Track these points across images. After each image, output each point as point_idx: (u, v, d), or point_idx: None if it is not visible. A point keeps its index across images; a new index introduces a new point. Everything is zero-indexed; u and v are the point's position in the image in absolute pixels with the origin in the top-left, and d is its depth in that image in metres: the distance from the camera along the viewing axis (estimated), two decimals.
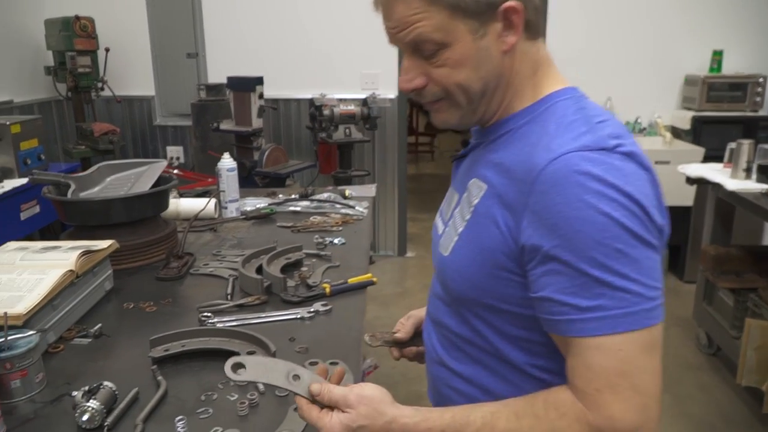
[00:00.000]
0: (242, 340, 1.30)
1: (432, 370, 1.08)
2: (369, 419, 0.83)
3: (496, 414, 0.82)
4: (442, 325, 1.02)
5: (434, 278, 1.09)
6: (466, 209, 0.95)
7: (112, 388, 1.11)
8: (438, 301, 1.04)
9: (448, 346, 1.01)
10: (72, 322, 1.44)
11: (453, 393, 1.00)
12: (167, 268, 1.78)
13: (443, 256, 0.97)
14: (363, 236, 2.12)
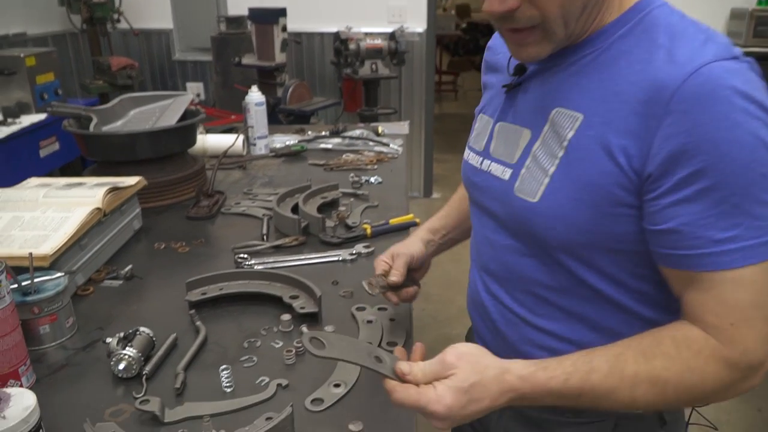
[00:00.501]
0: (284, 283, 1.21)
1: (508, 333, 0.95)
2: (479, 374, 0.72)
3: (621, 357, 0.73)
4: (523, 280, 0.90)
5: (492, 230, 0.95)
6: (554, 145, 0.82)
7: (149, 335, 1.03)
8: (512, 256, 0.91)
9: (534, 302, 0.90)
10: (101, 263, 1.36)
11: (545, 353, 0.89)
12: (197, 206, 1.69)
13: (529, 202, 0.83)
14: (399, 175, 2.01)
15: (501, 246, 0.93)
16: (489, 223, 0.96)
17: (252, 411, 0.91)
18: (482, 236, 0.98)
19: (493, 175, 0.92)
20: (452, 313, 3.22)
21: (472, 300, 1.07)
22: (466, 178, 1.02)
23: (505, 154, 0.91)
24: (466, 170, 1.02)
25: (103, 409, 0.91)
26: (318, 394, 0.93)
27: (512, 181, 0.87)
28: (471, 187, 1.01)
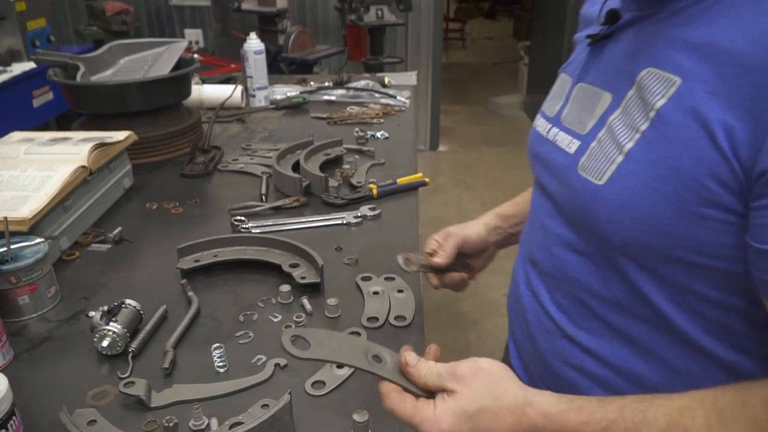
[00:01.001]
0: (283, 250, 1.12)
1: (540, 341, 0.81)
2: (492, 399, 0.59)
3: (686, 413, 0.56)
4: (569, 281, 0.74)
5: (546, 213, 0.80)
6: (638, 115, 0.64)
7: (135, 308, 0.95)
8: (562, 249, 0.75)
9: (578, 312, 0.74)
10: (88, 226, 1.27)
11: (577, 375, 0.75)
12: (192, 163, 1.59)
13: (592, 184, 0.67)
14: (407, 129, 1.89)
15: (552, 234, 0.77)
16: (545, 205, 0.81)
17: (247, 394, 0.83)
18: (536, 218, 0.84)
19: (558, 147, 0.77)
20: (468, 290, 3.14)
21: (511, 292, 0.93)
22: (530, 149, 0.87)
23: (577, 122, 0.76)
24: (531, 139, 0.88)
25: (86, 391, 0.84)
26: (319, 375, 0.85)
27: (577, 157, 0.71)
28: (533, 158, 0.86)
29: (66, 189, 1.16)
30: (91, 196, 1.27)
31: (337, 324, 0.97)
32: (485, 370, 0.62)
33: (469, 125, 5.44)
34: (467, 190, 4.09)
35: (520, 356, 0.88)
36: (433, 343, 0.71)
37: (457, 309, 2.83)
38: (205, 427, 0.77)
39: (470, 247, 1.03)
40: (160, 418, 0.78)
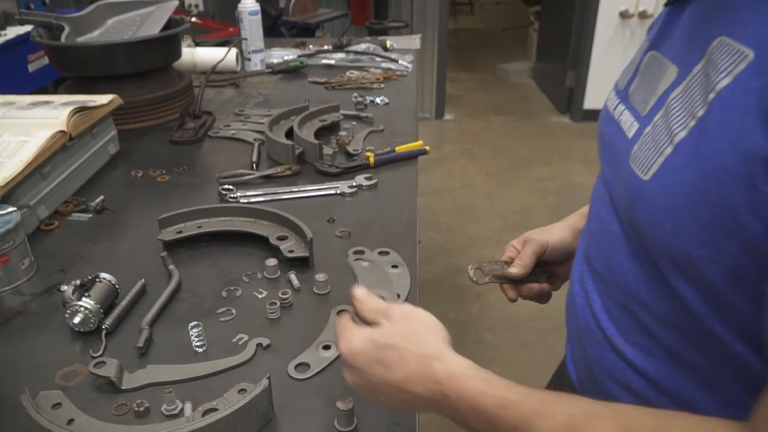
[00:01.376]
0: (271, 221, 1.06)
1: (588, 349, 0.71)
2: (405, 341, 0.58)
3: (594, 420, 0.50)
4: (621, 286, 0.64)
5: (605, 205, 0.68)
6: (698, 96, 0.52)
7: (110, 282, 0.89)
8: (614, 245, 0.64)
9: (630, 324, 0.63)
10: (69, 194, 1.21)
11: (625, 394, 0.66)
12: (182, 129, 1.52)
13: (638, 180, 0.56)
14: (408, 95, 1.81)
15: (608, 230, 0.66)
16: (603, 195, 0.70)
17: (226, 376, 0.78)
18: (595, 209, 0.73)
19: (620, 128, 0.66)
20: (462, 242, 3.08)
21: (569, 289, 0.82)
22: (599, 126, 0.76)
23: (641, 99, 0.64)
24: (601, 115, 0.76)
25: (56, 370, 0.79)
26: (304, 357, 0.80)
27: (632, 143, 0.60)
28: (599, 138, 0.75)
29: (43, 155, 1.10)
30: (71, 162, 1.21)
31: (326, 301, 0.91)
32: (415, 318, 0.61)
33: (476, 93, 5.32)
34: (473, 160, 4.00)
35: (574, 362, 0.79)
36: None
37: (458, 282, 2.78)
38: (178, 411, 0.71)
39: (553, 254, 0.93)
40: (131, 401, 0.73)
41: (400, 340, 0.59)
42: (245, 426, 0.67)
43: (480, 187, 3.65)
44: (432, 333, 0.60)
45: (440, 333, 0.61)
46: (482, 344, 2.41)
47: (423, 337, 0.59)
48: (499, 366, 2.28)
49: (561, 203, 3.44)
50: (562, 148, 4.17)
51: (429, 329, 0.61)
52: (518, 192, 3.59)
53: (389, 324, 0.61)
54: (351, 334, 0.61)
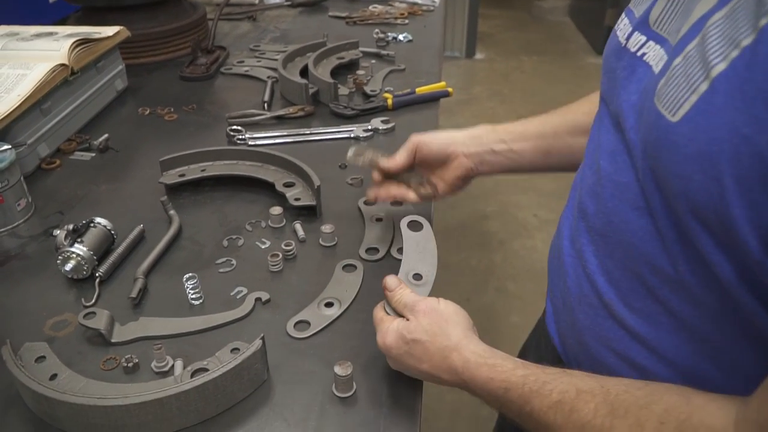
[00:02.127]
0: (278, 166, 1.00)
1: (580, 316, 0.65)
2: (428, 335, 0.61)
3: (584, 395, 0.51)
4: (625, 246, 0.57)
5: (609, 152, 0.60)
6: (744, 21, 0.43)
7: (105, 227, 0.84)
8: (623, 204, 0.57)
9: (633, 288, 0.57)
10: (72, 131, 1.16)
11: (621, 363, 0.61)
12: (193, 65, 1.44)
13: (665, 120, 0.48)
14: (434, 32, 1.70)
15: (612, 181, 0.58)
16: (610, 140, 0.60)
17: (222, 332, 0.73)
18: (593, 157, 0.64)
19: (643, 62, 0.56)
20: (488, 187, 2.99)
21: (553, 243, 0.75)
22: (605, 60, 0.66)
23: (671, 27, 0.54)
24: (608, 47, 0.66)
25: (46, 318, 0.75)
26: (304, 314, 0.75)
27: (659, 77, 0.51)
28: (604, 74, 0.66)
29: (42, 90, 1.05)
30: (74, 98, 1.15)
31: (333, 254, 0.86)
32: (439, 311, 0.63)
33: (509, 31, 5.09)
34: (503, 102, 3.86)
35: (557, 324, 0.74)
36: None
37: (483, 228, 2.71)
38: (168, 369, 0.68)
39: (426, 155, 0.85)
40: (121, 355, 0.69)
41: (424, 335, 0.61)
42: (236, 388, 0.63)
43: None
44: (452, 325, 0.62)
45: (461, 323, 0.62)
46: (503, 293, 2.36)
47: (444, 330, 0.61)
48: (519, 315, 2.24)
49: None
50: None
51: (448, 321, 0.62)
52: None
53: (414, 319, 0.62)
54: (385, 329, 0.63)
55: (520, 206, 2.84)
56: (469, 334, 0.61)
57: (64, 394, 0.59)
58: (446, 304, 0.64)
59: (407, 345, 0.61)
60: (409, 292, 0.65)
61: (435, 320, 0.61)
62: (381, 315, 0.66)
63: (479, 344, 0.60)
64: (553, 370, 0.55)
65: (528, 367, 0.56)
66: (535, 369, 0.55)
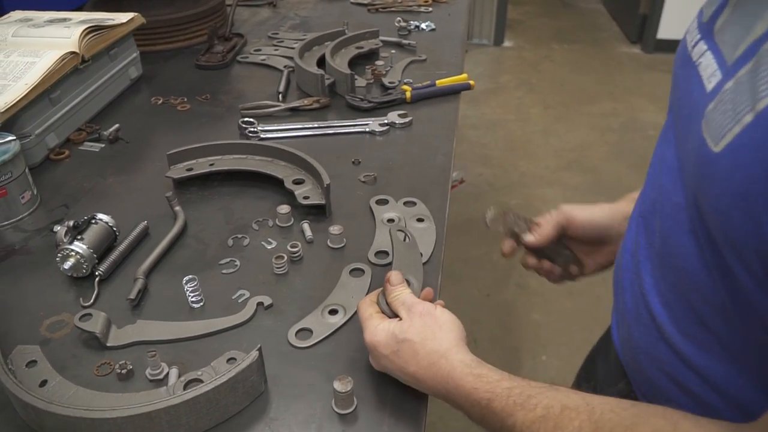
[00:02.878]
0: (289, 162, 0.96)
1: (635, 334, 0.63)
2: (420, 337, 0.59)
3: (568, 412, 0.49)
4: (681, 275, 0.53)
5: (668, 168, 0.56)
6: None
7: (107, 224, 0.82)
8: (674, 220, 0.53)
9: (686, 314, 0.54)
10: (83, 121, 1.13)
11: (675, 389, 0.58)
12: (210, 52, 1.41)
13: (708, 149, 0.44)
14: (458, 21, 1.64)
15: (669, 200, 0.54)
16: (671, 154, 0.56)
17: (220, 338, 0.70)
18: (656, 172, 0.60)
19: (699, 76, 0.51)
20: (513, 179, 2.93)
21: (618, 254, 0.71)
22: (674, 64, 0.62)
23: (731, 40, 0.49)
24: (678, 51, 0.61)
25: (44, 318, 0.73)
26: (307, 322, 0.71)
27: (709, 98, 0.47)
28: (672, 81, 0.61)
29: (50, 79, 1.02)
30: (85, 87, 1.13)
31: (341, 257, 0.82)
32: (435, 316, 0.60)
33: (539, 18, 4.97)
34: (530, 92, 3.77)
35: (619, 337, 0.70)
36: (430, 287, 0.68)
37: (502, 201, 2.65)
38: (162, 377, 0.65)
39: (576, 232, 0.82)
40: (116, 360, 0.67)
41: (416, 336, 0.59)
42: (230, 401, 0.60)
43: (536, 122, 3.44)
44: (445, 331, 0.59)
45: (454, 331, 0.60)
46: (525, 289, 2.30)
47: (436, 335, 0.59)
48: (540, 313, 2.19)
49: (622, 142, 3.22)
50: (629, 82, 3.88)
51: (441, 327, 0.60)
52: (577, 128, 3.37)
53: (408, 318, 0.60)
54: (375, 326, 0.61)
55: (545, 200, 2.77)
56: (460, 344, 0.59)
57: (50, 404, 0.57)
58: (443, 312, 0.62)
59: (397, 345, 0.59)
60: (409, 292, 0.64)
61: (429, 324, 0.60)
62: (371, 311, 0.63)
63: (468, 354, 0.58)
64: (540, 384, 0.54)
65: (513, 379, 0.55)
66: (521, 382, 0.54)
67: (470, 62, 4.14)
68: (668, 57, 4.13)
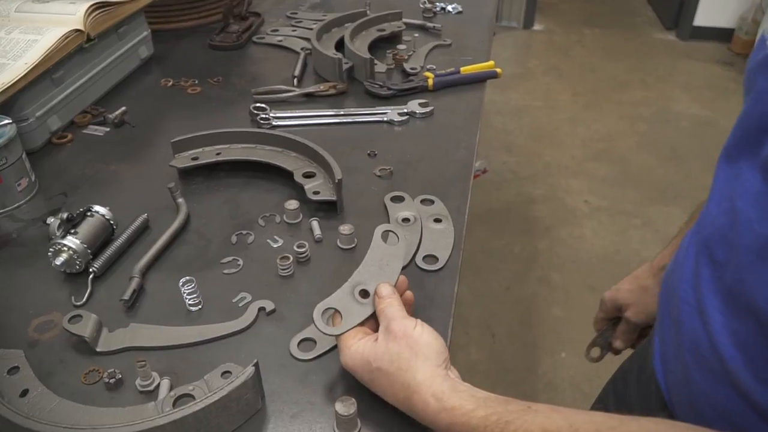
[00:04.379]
0: (299, 153, 0.90)
1: (695, 372, 0.56)
2: (394, 367, 0.54)
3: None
4: (761, 315, 0.47)
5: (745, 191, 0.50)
6: None
7: (104, 217, 0.77)
8: (756, 259, 0.47)
9: (762, 357, 0.48)
10: (88, 103, 1.09)
11: (720, 423, 0.52)
12: (225, 32, 1.35)
13: None
14: (487, 3, 1.56)
15: (753, 231, 0.47)
16: (753, 177, 0.50)
17: (217, 346, 0.65)
18: (728, 195, 0.53)
19: None
20: (537, 169, 2.84)
21: (669, 275, 0.65)
22: (748, 72, 0.56)
23: None
24: (753, 58, 0.55)
25: (33, 317, 0.69)
26: (311, 331, 0.66)
27: None
28: (747, 92, 0.55)
29: (52, 58, 0.97)
30: (91, 67, 1.08)
31: (351, 259, 0.76)
32: (412, 339, 0.55)
33: (571, 1, 4.82)
34: (559, 78, 3.66)
35: (665, 372, 0.64)
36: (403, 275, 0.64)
37: (529, 213, 2.57)
38: (153, 388, 0.60)
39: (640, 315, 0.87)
40: (105, 367, 0.62)
41: (390, 365, 0.54)
42: (222, 421, 0.55)
43: (564, 109, 3.34)
44: (421, 359, 0.54)
45: (432, 357, 0.54)
46: (547, 283, 2.23)
47: (410, 366, 0.54)
48: (562, 308, 2.12)
49: (653, 132, 3.10)
50: (662, 70, 3.74)
51: (419, 355, 0.54)
52: (606, 117, 3.26)
53: (384, 341, 0.56)
54: (348, 348, 0.57)
55: (570, 191, 2.68)
56: (437, 372, 0.54)
57: (27, 419, 0.52)
58: (422, 331, 0.56)
59: (370, 373, 0.56)
60: (396, 304, 0.59)
61: (404, 350, 0.55)
62: (344, 335, 0.59)
63: (443, 383, 0.53)
64: (516, 407, 0.50)
65: (489, 405, 0.51)
66: (497, 407, 0.50)
67: (498, 45, 4.03)
68: (705, 45, 3.98)
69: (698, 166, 2.81)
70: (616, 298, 0.89)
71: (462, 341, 1.99)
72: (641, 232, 2.45)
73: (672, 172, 2.79)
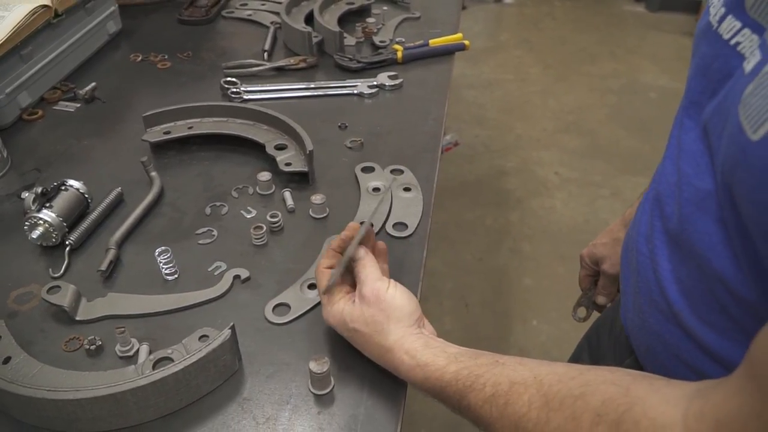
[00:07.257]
0: (271, 125, 0.92)
1: (649, 316, 0.59)
2: (369, 328, 0.59)
3: (516, 387, 0.49)
4: (704, 264, 0.49)
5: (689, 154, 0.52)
6: None
7: (78, 190, 0.78)
8: (697, 208, 0.50)
9: (706, 302, 0.51)
10: (57, 79, 1.08)
11: (689, 372, 0.55)
12: (193, 6, 1.35)
13: (744, 137, 0.40)
14: None
15: (692, 185, 0.51)
16: (692, 138, 0.53)
17: (194, 313, 0.67)
18: (674, 156, 0.56)
19: (736, 53, 0.47)
20: (509, 141, 2.88)
21: (629, 234, 0.68)
22: (695, 40, 0.57)
23: None
24: (699, 26, 0.56)
25: (11, 290, 0.70)
26: (285, 296, 0.69)
27: (748, 79, 0.43)
28: (693, 58, 0.57)
29: (20, 34, 0.97)
30: (60, 43, 1.08)
31: (323, 227, 0.79)
32: (384, 302, 0.59)
33: None
34: (530, 51, 3.68)
35: (627, 320, 0.67)
36: (381, 242, 0.68)
37: (501, 185, 2.61)
38: (132, 354, 0.62)
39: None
40: (85, 335, 0.64)
41: (364, 327, 0.59)
42: (201, 381, 0.58)
43: (535, 82, 3.37)
44: (393, 322, 0.58)
45: (403, 318, 0.58)
46: (518, 254, 2.28)
47: (383, 328, 0.58)
48: (532, 278, 2.17)
49: (622, 104, 3.15)
50: (631, 42, 3.79)
51: (391, 318, 0.58)
52: (576, 89, 3.30)
53: (359, 304, 0.60)
54: (330, 305, 0.61)
55: (541, 163, 2.73)
56: (408, 332, 0.58)
57: (11, 384, 0.54)
58: (394, 293, 0.59)
59: (348, 332, 0.60)
60: (369, 266, 0.62)
61: (376, 314, 0.59)
62: (324, 283, 0.62)
63: (416, 341, 0.57)
64: (486, 360, 0.54)
65: (460, 360, 0.54)
66: (468, 362, 0.54)
67: (469, 19, 4.03)
68: (673, 16, 4.03)
69: (666, 137, 2.87)
70: (593, 252, 0.92)
71: (436, 312, 2.03)
72: (610, 202, 2.51)
73: (640, 143, 2.85)
